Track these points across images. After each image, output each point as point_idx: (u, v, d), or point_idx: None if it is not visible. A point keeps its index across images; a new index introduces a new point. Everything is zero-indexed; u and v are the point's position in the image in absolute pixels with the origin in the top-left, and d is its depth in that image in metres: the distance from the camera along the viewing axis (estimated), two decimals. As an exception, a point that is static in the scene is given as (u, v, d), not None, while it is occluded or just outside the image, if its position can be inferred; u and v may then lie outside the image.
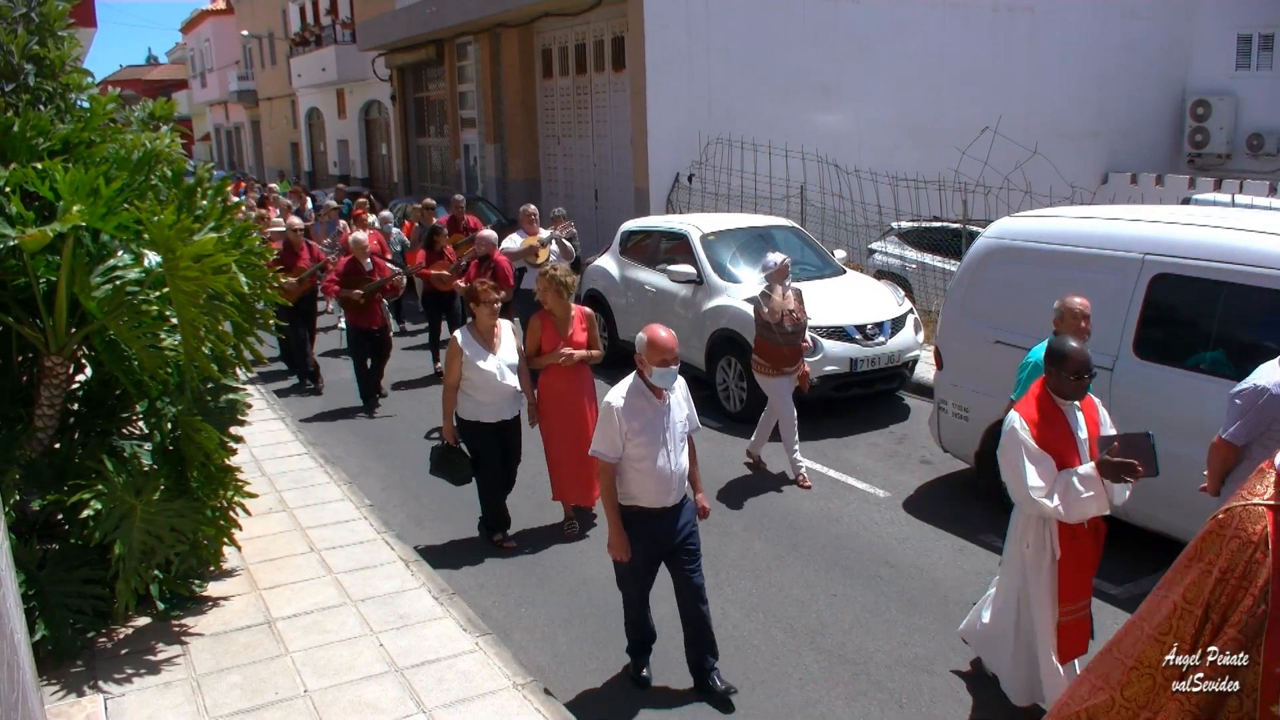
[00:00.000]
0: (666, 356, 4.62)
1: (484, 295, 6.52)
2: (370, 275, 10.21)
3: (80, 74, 6.28)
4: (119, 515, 5.13)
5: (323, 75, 32.27)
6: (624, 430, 4.62)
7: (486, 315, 6.52)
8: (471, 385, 6.50)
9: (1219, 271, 5.59)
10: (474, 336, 6.53)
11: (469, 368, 6.44)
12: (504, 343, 6.61)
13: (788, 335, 7.60)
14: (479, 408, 6.58)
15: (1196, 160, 21.15)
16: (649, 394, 4.71)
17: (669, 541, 4.81)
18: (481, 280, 6.75)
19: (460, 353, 6.44)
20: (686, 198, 16.51)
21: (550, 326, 6.71)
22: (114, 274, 5.28)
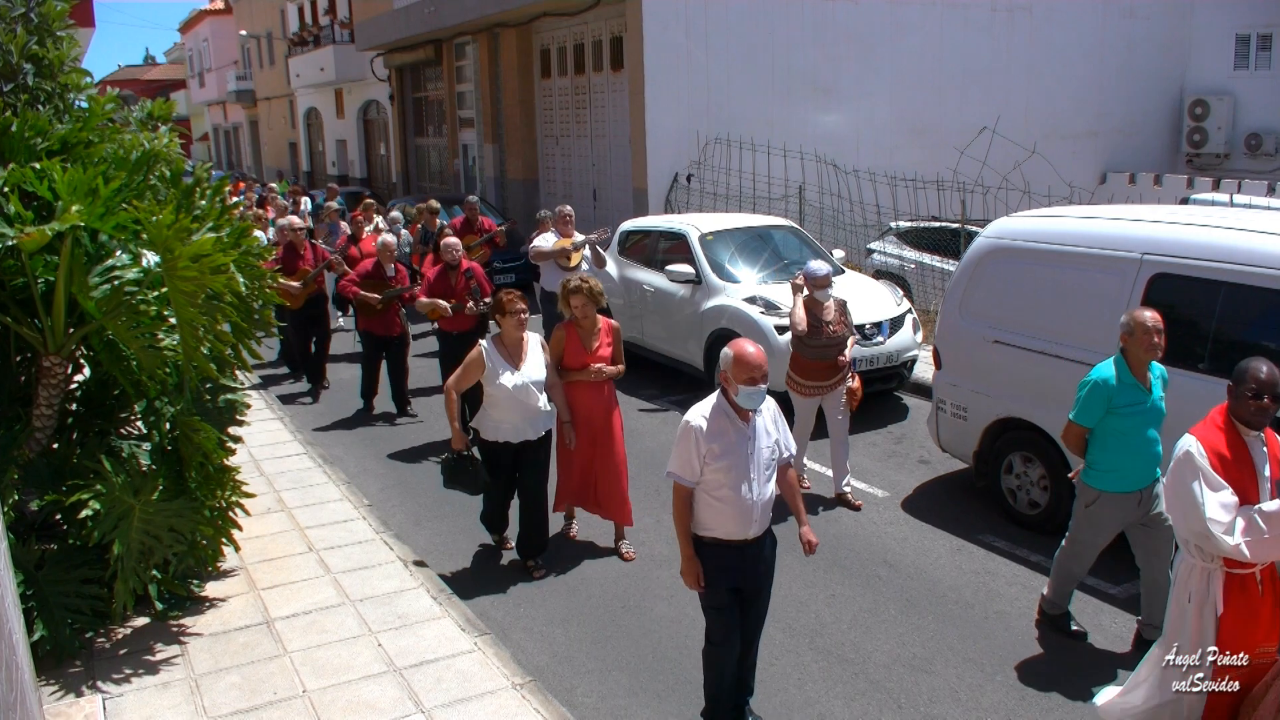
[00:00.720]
0: (755, 375, 4.15)
1: (510, 306, 6.04)
2: (391, 281, 9.77)
3: (79, 74, 6.28)
4: (117, 515, 5.12)
5: (321, 75, 32.25)
6: (703, 453, 4.21)
7: (513, 327, 6.05)
8: (493, 402, 6.05)
9: (1217, 271, 5.60)
10: (499, 350, 6.06)
11: (491, 383, 5.99)
12: (531, 357, 6.13)
13: (820, 348, 7.10)
14: (500, 427, 6.11)
15: (1195, 160, 21.16)
16: (733, 415, 4.26)
17: (744, 578, 4.39)
18: (508, 291, 6.20)
19: (482, 365, 5.99)
20: (685, 198, 16.51)
21: (576, 339, 6.36)
22: (112, 274, 5.28)
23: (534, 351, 6.17)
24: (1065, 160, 17.42)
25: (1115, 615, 5.66)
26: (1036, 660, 5.25)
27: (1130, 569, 6.15)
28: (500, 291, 6.26)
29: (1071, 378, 6.29)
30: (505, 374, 5.99)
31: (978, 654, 5.33)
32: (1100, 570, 6.16)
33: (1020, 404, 6.69)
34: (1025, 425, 6.69)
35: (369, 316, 9.78)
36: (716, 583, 4.34)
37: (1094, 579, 6.06)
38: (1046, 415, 6.51)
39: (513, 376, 6.01)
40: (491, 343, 6.10)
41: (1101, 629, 5.53)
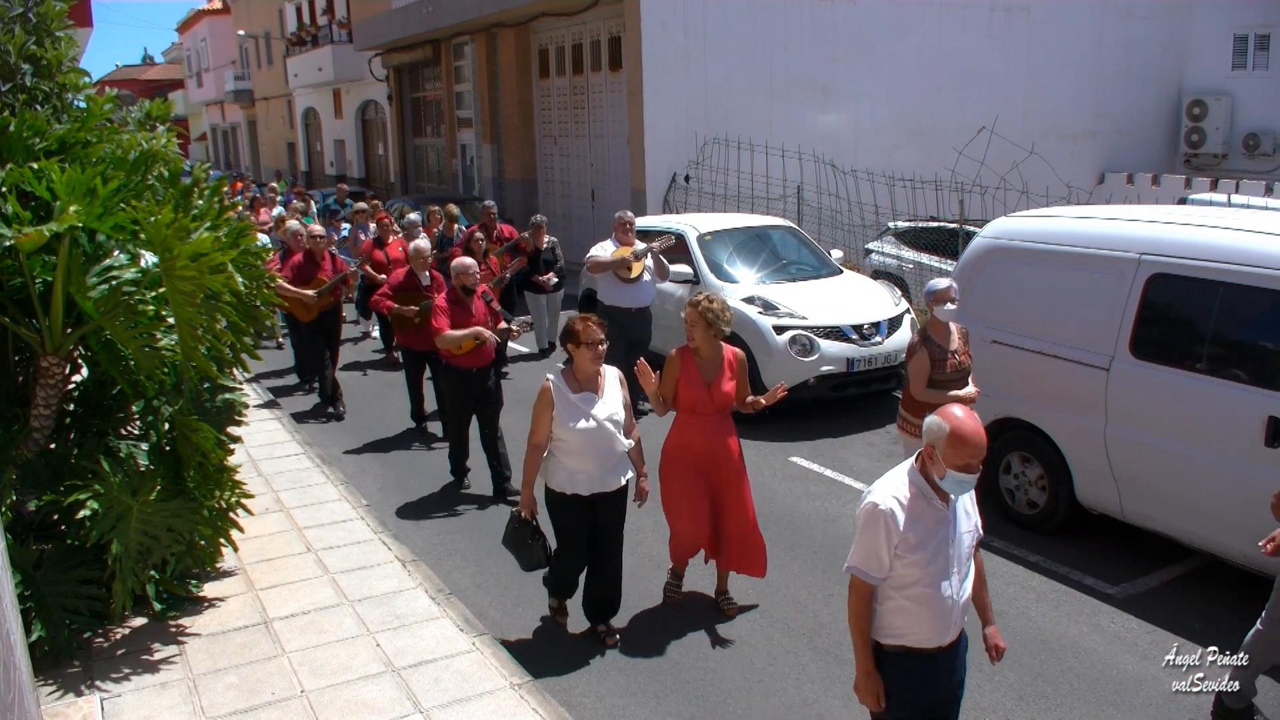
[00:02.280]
0: (975, 459, 3.31)
1: (586, 335, 5.12)
2: (428, 291, 8.97)
3: (77, 74, 6.27)
4: (115, 515, 5.12)
5: (319, 75, 32.24)
6: (895, 543, 3.37)
7: (589, 360, 5.15)
8: (565, 448, 5.17)
9: (1215, 271, 5.60)
10: (570, 385, 5.19)
11: (562, 425, 5.12)
12: (608, 394, 5.25)
13: (944, 383, 6.04)
14: (573, 477, 5.20)
15: (1193, 160, 21.17)
16: (932, 496, 3.43)
17: (938, 693, 3.58)
18: (583, 316, 5.30)
19: (551, 405, 5.13)
20: (683, 198, 16.51)
21: (693, 368, 5.44)
22: (110, 274, 5.28)
23: (611, 386, 5.31)
24: (1063, 160, 17.42)
25: (1114, 615, 5.66)
26: (1036, 660, 5.25)
27: (1127, 569, 6.16)
28: (575, 318, 5.27)
29: (1069, 378, 6.32)
30: (579, 416, 5.13)
31: (976, 653, 5.32)
32: (1099, 570, 6.16)
33: (1018, 404, 6.69)
34: (1023, 425, 6.69)
35: (407, 330, 8.97)
36: (904, 701, 3.51)
37: (1093, 579, 6.07)
38: (1045, 415, 6.52)
39: (591, 419, 5.12)
40: (561, 378, 5.20)
41: (1100, 629, 5.54)
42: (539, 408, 5.19)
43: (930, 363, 5.98)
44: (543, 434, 5.19)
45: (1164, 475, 5.85)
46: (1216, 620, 5.49)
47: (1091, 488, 6.31)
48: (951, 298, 6.05)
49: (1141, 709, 4.80)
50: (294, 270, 9.83)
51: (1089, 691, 4.94)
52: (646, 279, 9.43)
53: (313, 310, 9.90)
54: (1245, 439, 5.37)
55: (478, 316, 7.45)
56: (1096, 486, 6.26)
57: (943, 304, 6.03)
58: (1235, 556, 5.62)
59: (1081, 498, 6.41)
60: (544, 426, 5.18)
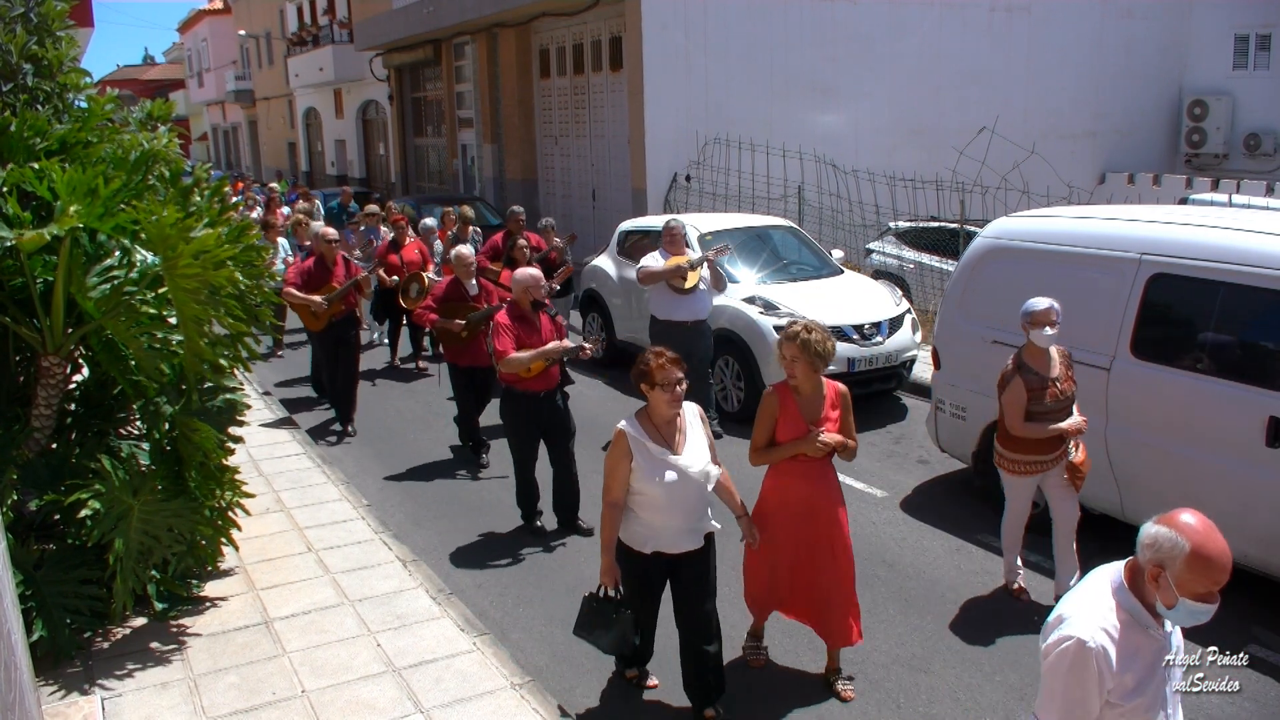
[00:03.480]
0: (1218, 586, 2.71)
1: (661, 375, 4.39)
2: (475, 301, 8.21)
3: (78, 74, 6.28)
4: (116, 515, 5.12)
5: (320, 75, 32.26)
6: (1108, 688, 2.68)
7: (666, 404, 4.42)
8: (646, 503, 4.46)
9: (1216, 271, 5.60)
10: (647, 431, 4.48)
11: (644, 480, 4.41)
12: (691, 439, 4.55)
13: (1047, 415, 5.42)
14: (654, 533, 4.50)
15: (1193, 160, 21.18)
16: (1151, 624, 2.79)
17: None
18: (657, 351, 4.51)
19: (628, 455, 4.43)
20: (684, 198, 16.51)
21: (792, 407, 4.75)
22: (111, 274, 5.28)
23: (694, 427, 4.60)
24: (1064, 160, 17.43)
25: (1114, 615, 5.65)
26: (1036, 661, 5.24)
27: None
28: (648, 354, 4.51)
29: (1070, 378, 6.32)
30: (663, 466, 4.43)
31: (977, 654, 5.33)
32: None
33: (1019, 404, 6.68)
34: (1024, 425, 6.68)
35: (453, 346, 8.23)
36: None
37: (1093, 579, 6.07)
38: (1045, 415, 6.51)
39: (675, 469, 4.44)
40: (635, 424, 4.50)
41: (1100, 629, 5.53)
42: (614, 459, 4.48)
43: (1027, 393, 5.36)
44: (620, 489, 4.48)
45: (1164, 475, 5.85)
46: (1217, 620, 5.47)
47: (1092, 488, 6.30)
48: (1053, 320, 5.36)
49: (1142, 709, 4.79)
50: (303, 275, 9.12)
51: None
52: (702, 289, 8.79)
53: (321, 319, 9.13)
54: (1246, 439, 5.37)
55: (545, 334, 6.65)
56: (1097, 487, 6.25)
57: (1041, 327, 5.37)
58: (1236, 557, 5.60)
59: (1082, 498, 6.40)
60: (622, 480, 4.47)
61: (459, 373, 8.41)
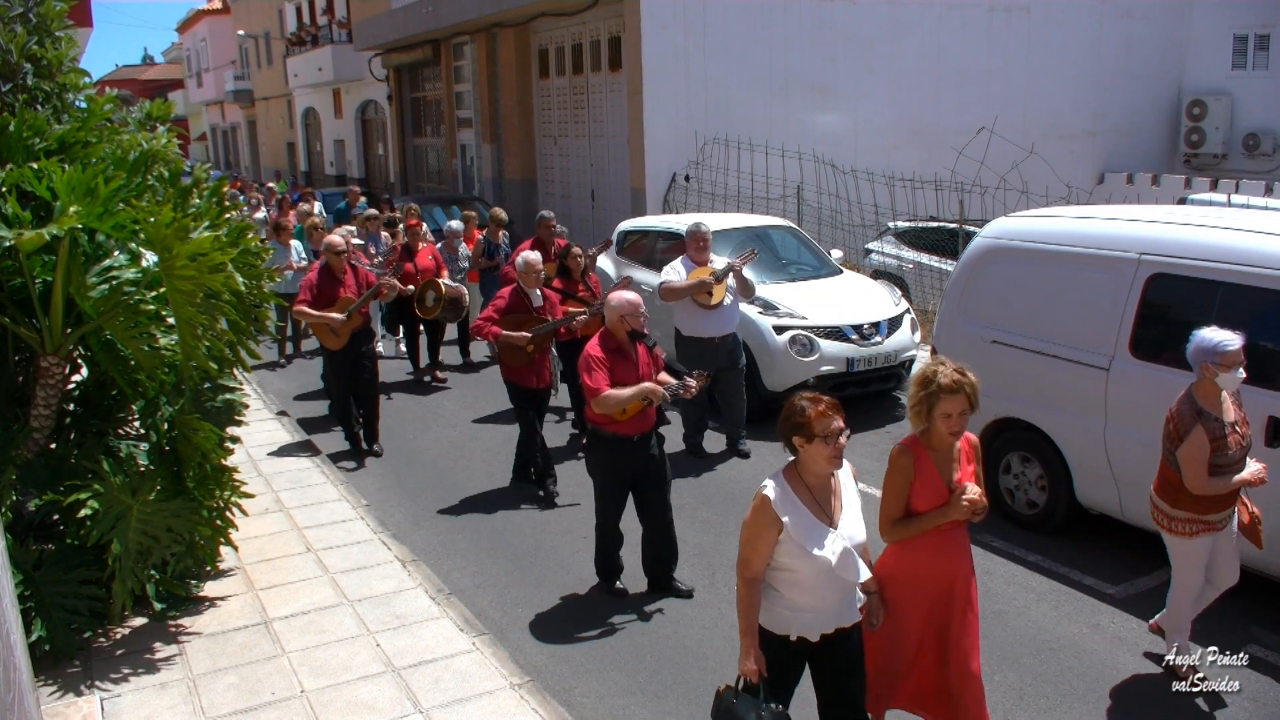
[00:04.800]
0: None
1: (821, 424, 3.59)
2: (540, 312, 7.49)
3: (77, 74, 6.28)
4: (115, 515, 5.12)
5: (319, 75, 32.25)
6: None
7: (826, 459, 3.64)
8: (792, 580, 3.70)
9: (1215, 271, 5.60)
10: (798, 495, 3.69)
11: (795, 553, 3.64)
12: (848, 503, 3.81)
13: (1230, 465, 4.62)
14: (799, 616, 3.74)
15: (1192, 160, 21.19)
16: None
17: None
18: (813, 396, 3.70)
19: (776, 524, 3.64)
20: (683, 198, 16.52)
21: (929, 467, 3.98)
22: (110, 274, 5.28)
23: (849, 488, 3.86)
24: (1063, 160, 17.45)
25: (1114, 615, 5.66)
26: (1036, 660, 5.25)
27: (1127, 569, 6.16)
28: (803, 398, 3.69)
29: (1069, 378, 6.32)
30: (818, 537, 3.65)
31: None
32: (1099, 570, 6.17)
33: (1018, 404, 6.69)
34: (1023, 425, 6.69)
35: (515, 363, 7.37)
36: None
37: (1092, 579, 6.07)
38: (1044, 415, 6.52)
39: (832, 540, 3.66)
40: (783, 484, 3.71)
41: (1100, 629, 5.54)
42: (757, 527, 3.67)
43: (1211, 444, 4.55)
44: (763, 563, 3.70)
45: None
46: (1217, 620, 5.49)
47: (1091, 488, 6.31)
48: (1243, 361, 4.59)
49: (1141, 709, 4.79)
50: (312, 290, 8.33)
51: (1089, 691, 4.94)
52: (729, 301, 8.18)
53: (342, 334, 8.33)
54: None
55: (643, 368, 5.75)
56: (1096, 486, 6.26)
57: (1233, 369, 4.57)
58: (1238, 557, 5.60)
59: (1081, 498, 6.41)
60: (765, 554, 3.68)
61: (524, 395, 7.50)
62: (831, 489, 3.76)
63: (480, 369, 11.84)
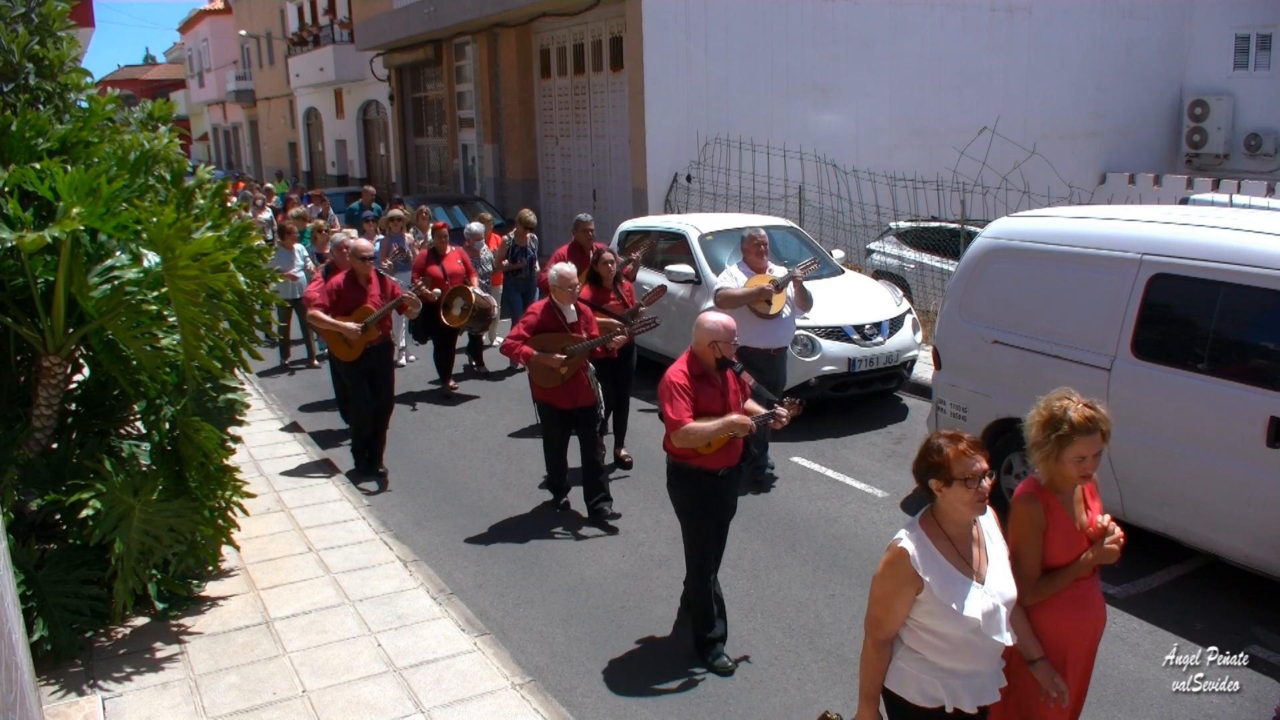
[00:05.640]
0: None
1: (960, 465, 3.17)
2: (575, 329, 7.00)
3: (79, 74, 6.28)
4: (117, 515, 5.12)
5: (320, 75, 32.27)
6: None
7: (969, 504, 3.21)
8: (935, 644, 3.23)
9: (1217, 272, 5.60)
10: (936, 545, 3.25)
11: (937, 614, 3.19)
12: (992, 556, 3.35)
13: None
14: (948, 685, 3.25)
15: (1194, 160, 21.18)
16: None
17: None
18: (951, 433, 3.28)
19: (914, 581, 3.19)
20: (685, 198, 16.52)
21: (1061, 514, 3.61)
22: (112, 274, 5.29)
23: (993, 537, 3.42)
24: (1065, 160, 17.43)
25: (1115, 615, 5.64)
26: (1036, 660, 5.25)
27: (1129, 570, 6.16)
28: (940, 436, 3.29)
29: (1071, 378, 6.31)
30: (963, 594, 3.20)
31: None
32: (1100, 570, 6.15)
33: (1020, 404, 6.63)
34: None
35: (548, 384, 6.96)
36: None
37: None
38: (1046, 415, 6.51)
39: (979, 597, 3.21)
40: (920, 535, 3.27)
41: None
42: (892, 584, 3.24)
43: None
44: (896, 624, 3.27)
45: (1165, 475, 5.85)
46: (1217, 620, 5.49)
47: (1093, 488, 6.30)
48: None
49: (1142, 709, 4.79)
50: (333, 295, 7.80)
51: (1089, 691, 4.93)
52: (787, 313, 7.67)
53: (356, 347, 7.82)
54: (1246, 439, 5.37)
55: (730, 396, 5.19)
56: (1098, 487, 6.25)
57: None
58: (1236, 557, 5.61)
59: (1083, 498, 6.40)
60: (902, 613, 3.25)
61: (558, 418, 7.05)
62: (974, 537, 3.34)
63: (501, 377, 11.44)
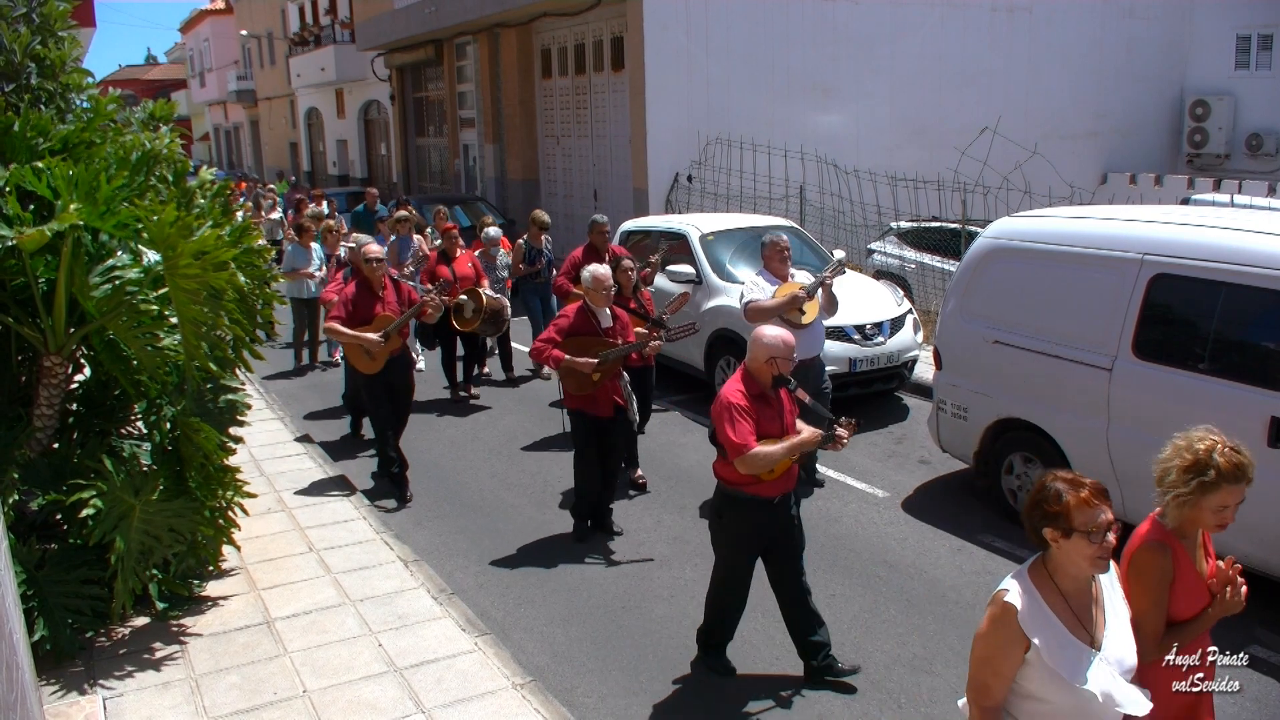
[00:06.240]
0: None
1: (1082, 513, 2.79)
2: (610, 334, 6.65)
3: (80, 74, 6.29)
4: (118, 515, 5.12)
5: (322, 75, 32.30)
6: None
7: (1089, 559, 2.82)
8: (1042, 714, 2.88)
9: (1218, 272, 5.59)
10: (1048, 602, 2.88)
11: (1041, 678, 2.83)
12: (1111, 618, 2.96)
13: None
14: None
15: (1195, 160, 21.18)
16: None
17: None
18: (1071, 476, 2.89)
19: (1021, 641, 2.83)
20: (685, 198, 16.52)
21: (1188, 565, 3.27)
22: (113, 274, 5.29)
23: (1112, 599, 3.01)
24: (1066, 160, 17.43)
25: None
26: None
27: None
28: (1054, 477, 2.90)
29: (1072, 378, 6.32)
30: (1077, 661, 2.83)
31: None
32: (1100, 570, 6.17)
33: (1021, 404, 6.69)
34: (1026, 425, 6.69)
35: (580, 391, 6.57)
36: None
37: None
38: (1047, 415, 6.52)
39: (1096, 667, 2.84)
40: (1030, 590, 2.90)
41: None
42: (997, 644, 2.87)
43: None
44: (1004, 689, 2.90)
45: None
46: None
47: (1093, 488, 6.30)
48: None
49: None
50: (348, 305, 7.34)
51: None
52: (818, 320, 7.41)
53: (379, 358, 7.35)
54: (1247, 440, 5.34)
55: (788, 417, 4.90)
56: (1098, 487, 6.25)
57: None
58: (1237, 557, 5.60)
59: (1083, 498, 6.40)
60: (1008, 676, 2.88)
61: (592, 427, 6.67)
62: (1092, 595, 2.94)
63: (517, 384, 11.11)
